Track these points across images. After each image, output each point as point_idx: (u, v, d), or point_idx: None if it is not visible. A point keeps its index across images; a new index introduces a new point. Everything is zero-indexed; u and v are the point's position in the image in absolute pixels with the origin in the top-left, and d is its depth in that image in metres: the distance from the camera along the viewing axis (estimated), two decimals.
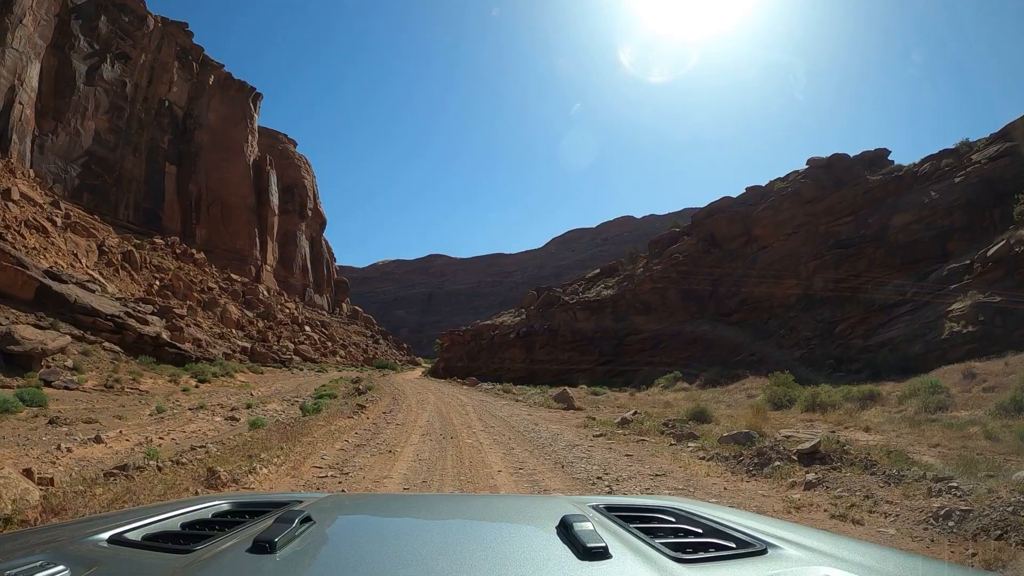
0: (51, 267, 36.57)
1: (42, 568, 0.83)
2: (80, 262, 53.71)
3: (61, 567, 0.85)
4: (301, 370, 43.33)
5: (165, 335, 26.26)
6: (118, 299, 31.38)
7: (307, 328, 68.85)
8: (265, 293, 74.36)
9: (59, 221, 57.12)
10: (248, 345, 42.44)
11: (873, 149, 36.14)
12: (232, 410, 14.10)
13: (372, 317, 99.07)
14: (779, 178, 36.01)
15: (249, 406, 14.84)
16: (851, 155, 35.15)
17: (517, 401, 20.38)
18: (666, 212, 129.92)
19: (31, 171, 63.75)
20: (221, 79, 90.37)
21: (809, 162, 34.14)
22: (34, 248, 46.41)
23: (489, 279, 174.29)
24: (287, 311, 72.76)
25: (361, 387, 21.44)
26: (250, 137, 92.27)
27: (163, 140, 79.23)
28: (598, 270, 47.20)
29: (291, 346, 57.88)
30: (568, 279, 53.09)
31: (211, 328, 40.92)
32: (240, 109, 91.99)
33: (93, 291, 31.70)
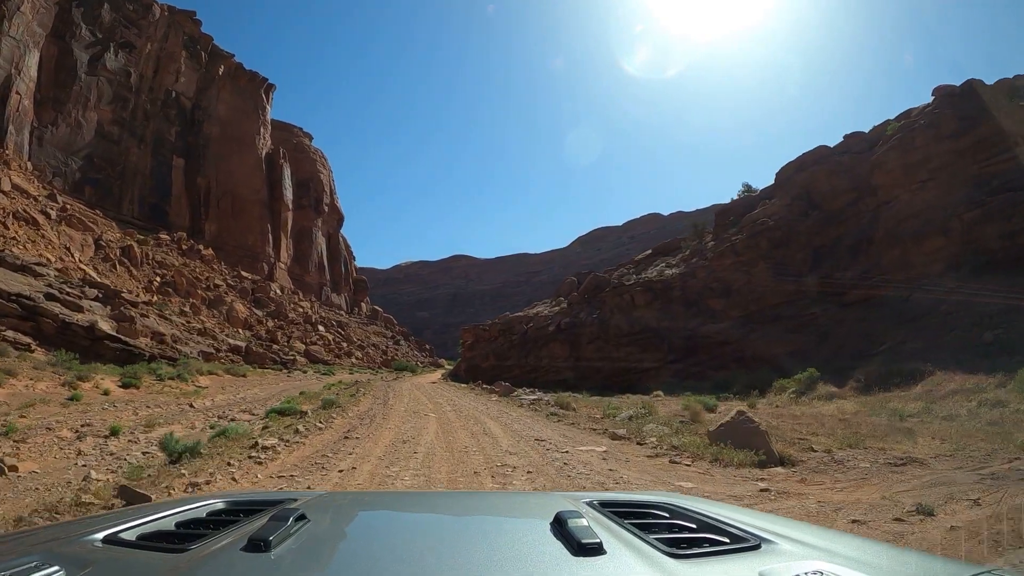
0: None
1: (37, 569, 0.83)
2: (72, 256, 49.15)
3: (56, 568, 0.84)
4: (304, 372, 37.29)
5: (106, 326, 20.14)
6: (62, 280, 25.53)
7: (321, 328, 63.20)
8: (277, 291, 69.10)
9: (54, 214, 52.78)
10: (242, 344, 36.54)
11: (1012, 76, 28.06)
12: (60, 442, 7.54)
13: (393, 317, 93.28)
14: (891, 120, 28.09)
15: (116, 432, 8.26)
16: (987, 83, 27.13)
17: (616, 439, 9.73)
18: (693, 208, 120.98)
19: (29, 163, 59.78)
20: (231, 69, 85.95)
21: (935, 92, 26.13)
22: (13, 238, 41.93)
23: (514, 279, 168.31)
24: (300, 310, 67.30)
25: (346, 394, 14.64)
26: (262, 129, 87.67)
27: (170, 132, 74.95)
28: (649, 251, 39.75)
29: (301, 347, 52.28)
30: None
31: (188, 323, 35.10)
32: (252, 100, 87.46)
33: (42, 274, 26.01)
